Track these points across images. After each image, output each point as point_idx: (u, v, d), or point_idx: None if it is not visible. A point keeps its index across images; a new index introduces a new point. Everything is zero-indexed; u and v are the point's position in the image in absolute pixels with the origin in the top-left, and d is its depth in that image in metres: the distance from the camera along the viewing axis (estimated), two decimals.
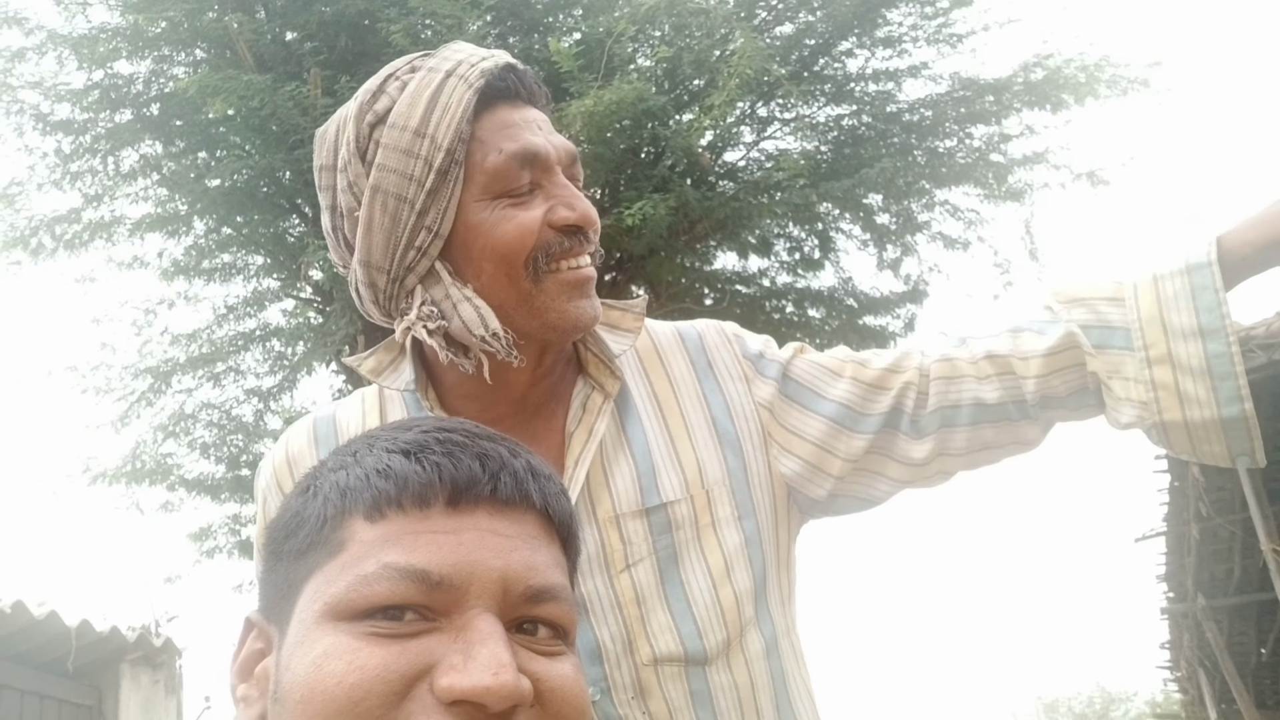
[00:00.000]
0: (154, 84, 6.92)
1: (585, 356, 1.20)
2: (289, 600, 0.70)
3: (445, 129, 1.06)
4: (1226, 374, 1.05)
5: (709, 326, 1.26)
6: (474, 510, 0.69)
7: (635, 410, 1.19)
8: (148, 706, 6.08)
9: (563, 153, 1.12)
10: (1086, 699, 29.55)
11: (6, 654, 5.23)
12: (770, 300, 8.05)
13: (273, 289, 7.85)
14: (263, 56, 6.56)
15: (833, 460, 1.18)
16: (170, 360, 7.63)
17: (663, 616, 1.11)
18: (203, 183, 6.80)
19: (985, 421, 1.15)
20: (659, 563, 1.12)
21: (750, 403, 1.21)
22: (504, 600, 0.67)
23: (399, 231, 1.07)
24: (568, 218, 1.08)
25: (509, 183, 1.07)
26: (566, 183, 1.10)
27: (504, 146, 1.07)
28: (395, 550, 0.66)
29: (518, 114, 1.10)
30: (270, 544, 0.74)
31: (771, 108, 7.61)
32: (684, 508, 1.14)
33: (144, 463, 7.43)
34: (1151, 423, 1.08)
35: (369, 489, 0.69)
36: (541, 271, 1.08)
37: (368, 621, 0.65)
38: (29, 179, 6.88)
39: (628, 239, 6.24)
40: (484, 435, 0.73)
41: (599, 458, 1.15)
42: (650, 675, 1.10)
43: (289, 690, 0.65)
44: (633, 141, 6.67)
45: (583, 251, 1.10)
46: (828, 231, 7.78)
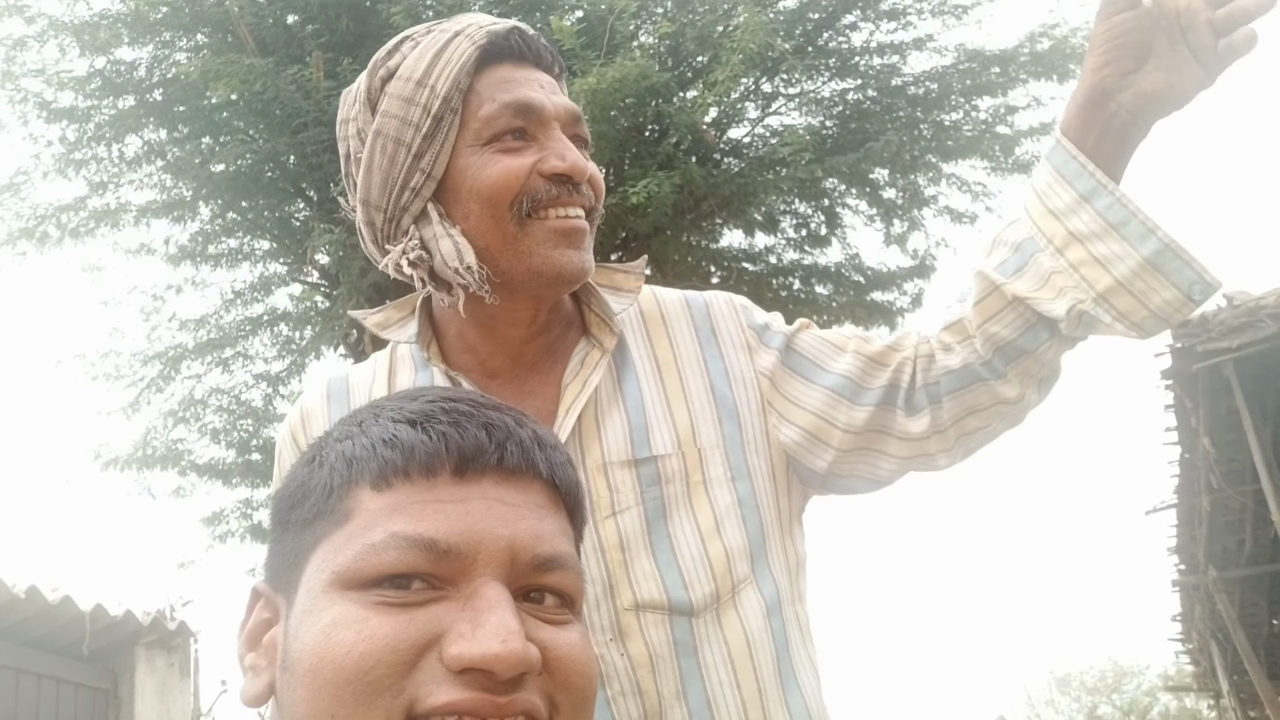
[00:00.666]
0: (156, 70, 6.91)
1: (588, 317, 1.22)
2: (296, 569, 0.70)
3: (444, 79, 1.12)
4: (1125, 219, 1.06)
5: (717, 296, 1.28)
6: (480, 479, 0.69)
7: (634, 369, 1.22)
8: (163, 689, 6.13)
9: (562, 110, 1.15)
10: (1098, 673, 29.61)
11: (22, 639, 5.27)
12: (777, 277, 8.03)
13: (279, 273, 7.85)
14: (264, 40, 6.54)
15: (832, 430, 1.20)
16: (179, 346, 7.65)
17: (647, 565, 1.12)
18: (207, 168, 6.79)
19: (960, 388, 1.16)
20: (646, 513, 1.14)
21: (751, 371, 1.23)
22: (511, 569, 0.67)
23: (395, 173, 1.13)
24: (557, 166, 1.11)
25: (501, 130, 1.12)
26: (562, 137, 1.13)
27: (499, 97, 1.12)
28: (402, 519, 0.66)
29: (520, 72, 1.15)
30: (277, 513, 0.75)
31: (776, 83, 7.57)
32: (675, 462, 1.16)
33: (155, 449, 7.46)
34: (1091, 301, 1.07)
35: (375, 458, 0.69)
36: (528, 217, 1.11)
37: (375, 590, 0.65)
38: (34, 168, 6.88)
39: (633, 218, 6.22)
40: (490, 405, 0.73)
41: (592, 408, 1.18)
42: (631, 619, 1.11)
43: (298, 659, 0.65)
44: (636, 119, 6.65)
45: (574, 203, 1.13)
46: (834, 207, 7.76)
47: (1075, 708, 29.84)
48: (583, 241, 1.13)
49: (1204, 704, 18.56)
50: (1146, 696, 28.52)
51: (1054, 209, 1.09)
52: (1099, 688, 29.41)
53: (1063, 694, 30.19)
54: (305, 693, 0.64)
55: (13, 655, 5.18)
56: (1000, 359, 1.13)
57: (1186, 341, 6.43)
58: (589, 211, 1.15)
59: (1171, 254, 1.05)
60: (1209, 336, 6.39)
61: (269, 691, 0.70)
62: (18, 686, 5.17)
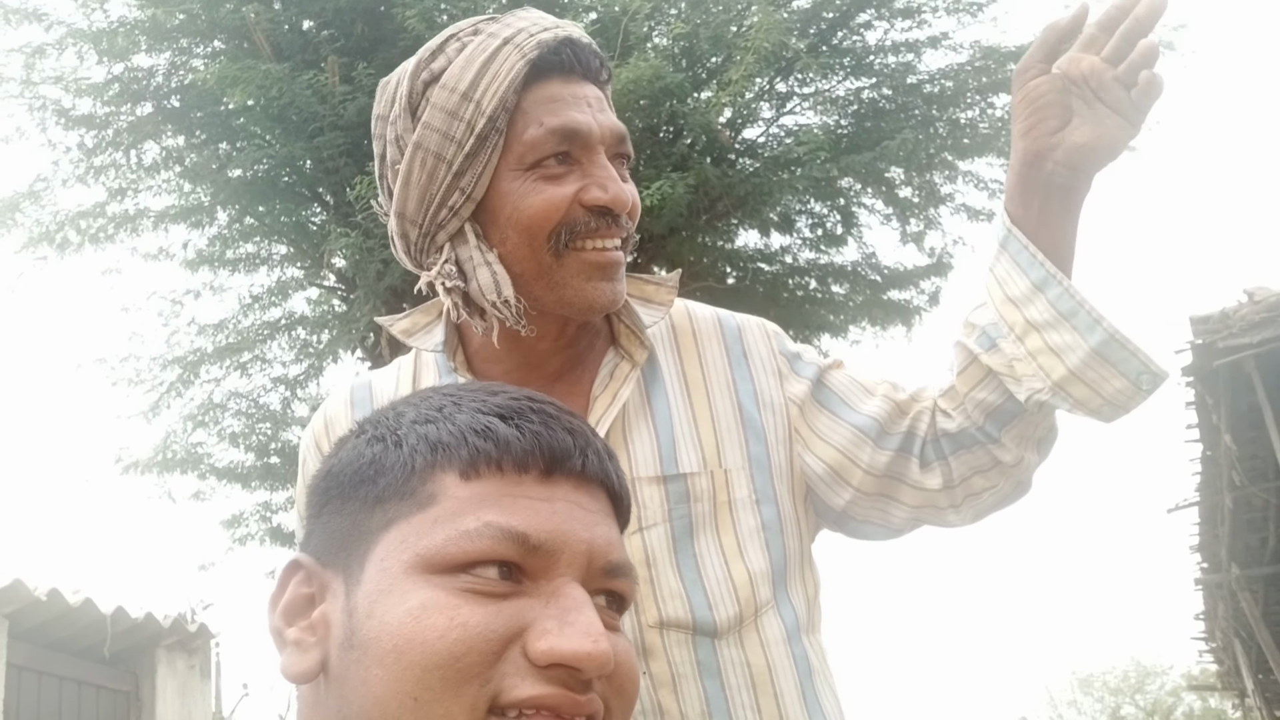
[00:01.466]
0: (173, 76, 6.96)
1: (618, 328, 1.22)
2: (361, 546, 0.70)
3: (491, 95, 1.08)
4: (1074, 309, 1.08)
5: (751, 320, 1.28)
6: (563, 482, 0.71)
7: (663, 384, 1.21)
8: (184, 690, 6.17)
9: (608, 132, 1.11)
10: (1121, 673, 29.40)
11: (43, 641, 5.32)
12: (793, 277, 8.02)
13: (296, 278, 7.89)
14: (280, 46, 6.58)
15: (854, 469, 1.19)
16: (198, 350, 7.69)
17: (673, 583, 1.12)
18: (224, 173, 6.84)
19: (961, 449, 1.18)
20: (673, 530, 1.13)
21: (781, 397, 1.22)
22: (587, 571, 0.69)
23: (434, 189, 1.11)
24: (599, 198, 1.08)
25: (544, 155, 1.08)
26: (606, 164, 1.10)
27: (545, 120, 1.08)
28: (494, 510, 0.67)
29: (568, 89, 1.11)
30: (337, 487, 0.74)
31: (790, 83, 7.56)
32: (703, 482, 1.15)
33: (174, 452, 7.51)
34: (1049, 390, 1.10)
35: (466, 446, 0.70)
36: (564, 248, 1.09)
37: (464, 576, 0.66)
38: (54, 174, 6.94)
39: (648, 219, 6.22)
40: (567, 410, 0.75)
41: (620, 422, 1.17)
42: (655, 637, 1.10)
43: (375, 638, 0.65)
44: (651, 120, 6.65)
45: (611, 234, 1.11)
46: (850, 207, 7.74)
47: (1098, 708, 29.64)
48: (617, 273, 1.12)
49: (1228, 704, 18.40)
50: (1170, 697, 28.31)
51: (1012, 297, 1.12)
52: (1122, 688, 29.20)
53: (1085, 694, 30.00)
54: (384, 673, 0.64)
55: (35, 658, 5.23)
56: (992, 424, 1.15)
57: (1207, 338, 6.38)
58: (625, 240, 1.13)
59: (1117, 344, 1.07)
60: (1229, 333, 6.34)
61: (319, 669, 0.70)
62: (40, 688, 5.21)
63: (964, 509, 1.21)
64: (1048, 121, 1.08)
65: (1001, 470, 1.18)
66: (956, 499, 1.20)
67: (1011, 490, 1.21)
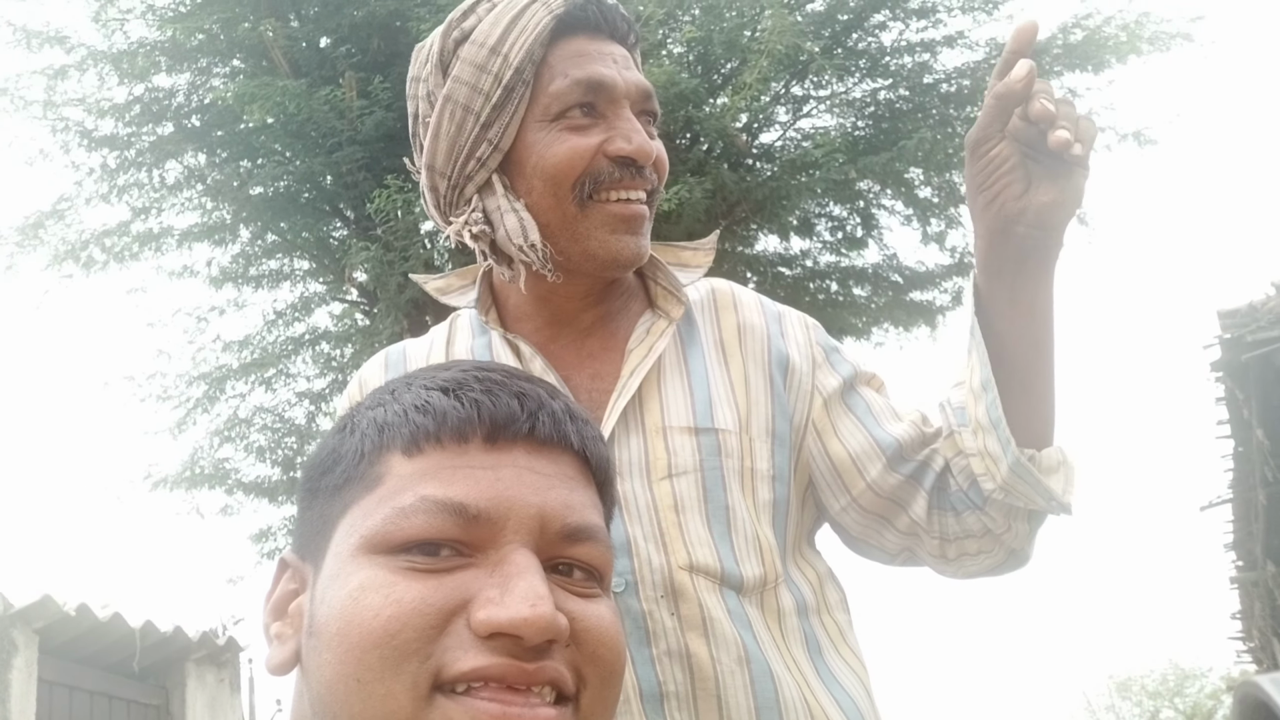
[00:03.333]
0: (194, 96, 7.04)
1: (654, 291, 1.22)
2: (324, 536, 0.70)
3: (518, 49, 1.10)
4: (998, 421, 1.07)
5: (790, 309, 1.28)
6: (511, 448, 0.69)
7: (700, 344, 1.21)
8: (214, 704, 6.20)
9: (633, 87, 1.13)
10: (1160, 676, 29.00)
11: (73, 656, 5.36)
12: (814, 281, 7.99)
13: (319, 293, 7.94)
14: (298, 63, 6.64)
15: (858, 480, 1.18)
16: (223, 367, 7.75)
17: (702, 531, 1.10)
18: (245, 191, 6.90)
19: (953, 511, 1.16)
20: (704, 480, 1.12)
21: (810, 384, 1.21)
22: (541, 537, 0.67)
23: (462, 141, 1.13)
24: (623, 149, 1.10)
25: (569, 106, 1.11)
26: (631, 117, 1.12)
27: (570, 72, 1.11)
28: (433, 483, 0.66)
29: (594, 45, 1.13)
30: (307, 481, 0.75)
31: (806, 86, 7.53)
32: (734, 440, 1.14)
33: (202, 468, 7.56)
34: (998, 489, 1.10)
35: (407, 424, 0.69)
36: (588, 198, 1.10)
37: (404, 556, 0.65)
38: (77, 194, 7.02)
39: (666, 225, 6.22)
40: (522, 376, 0.73)
41: (655, 374, 1.16)
42: (685, 579, 1.08)
43: (325, 623, 0.65)
44: (667, 127, 6.65)
45: (636, 186, 1.12)
46: (869, 209, 7.71)
47: (1137, 713, 29.27)
48: (641, 226, 1.13)
49: None
50: (1210, 700, 27.90)
51: (972, 388, 1.11)
52: (1160, 691, 28.81)
53: (1123, 699, 29.62)
54: (331, 656, 0.64)
55: (65, 672, 5.27)
56: (975, 491, 1.13)
57: (1235, 332, 6.31)
58: (651, 194, 1.14)
59: (1023, 468, 1.07)
60: (1258, 326, 6.27)
61: (294, 659, 0.70)
62: (71, 703, 5.25)
63: (954, 565, 1.20)
64: (1013, 188, 1.03)
65: (993, 538, 1.16)
66: (949, 554, 1.18)
67: (1005, 559, 1.18)
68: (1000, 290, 1.08)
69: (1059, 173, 1.02)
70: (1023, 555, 1.18)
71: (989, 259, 1.08)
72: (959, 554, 1.17)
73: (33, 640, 5.00)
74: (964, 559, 1.18)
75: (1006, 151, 1.04)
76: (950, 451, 1.15)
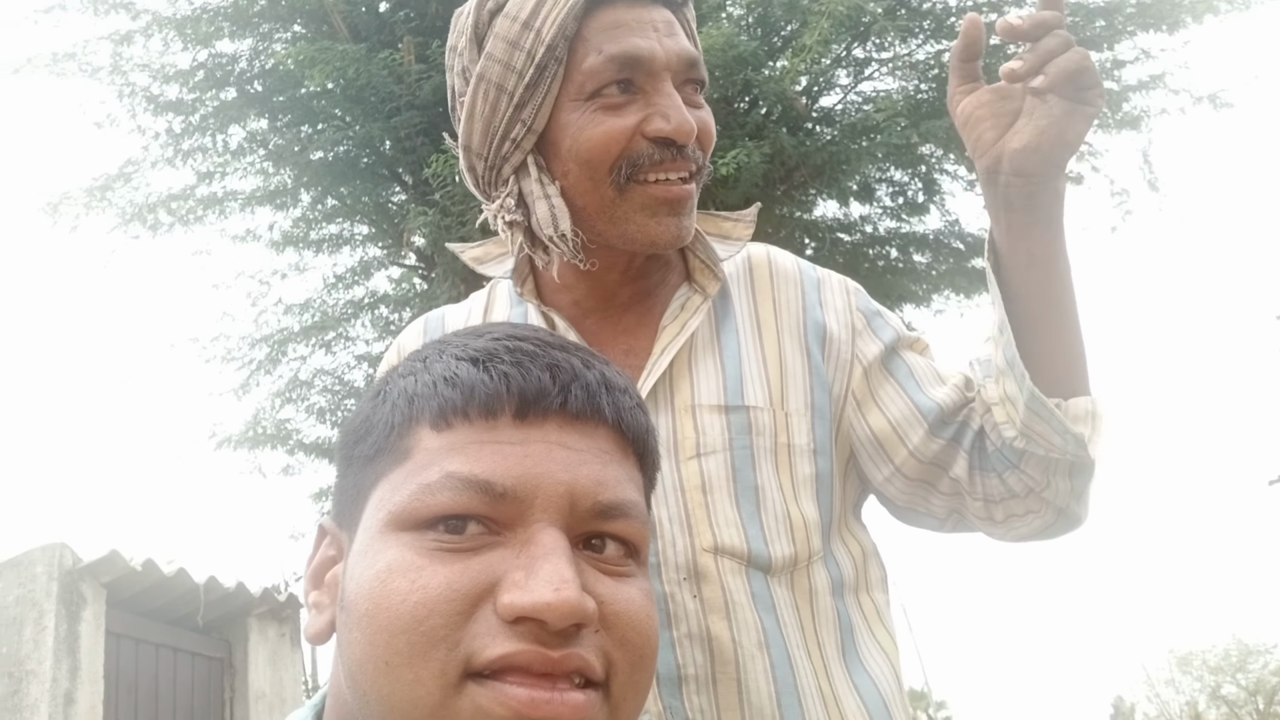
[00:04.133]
0: (255, 61, 7.10)
1: (692, 263, 1.18)
2: (358, 506, 0.70)
3: (551, 23, 1.04)
4: (1013, 360, 1.04)
5: (832, 274, 1.24)
6: (543, 423, 0.67)
7: (734, 320, 1.17)
8: (275, 658, 6.36)
9: (674, 57, 1.07)
10: (1222, 652, 28.50)
11: (139, 610, 5.52)
12: (873, 247, 7.88)
13: (378, 257, 8.02)
14: (357, 27, 6.66)
15: (900, 448, 1.15)
16: (285, 329, 7.87)
17: (729, 511, 1.07)
18: (306, 156, 6.96)
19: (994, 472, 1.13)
20: (733, 460, 1.09)
21: (850, 353, 1.18)
22: (570, 515, 0.65)
23: (497, 121, 1.08)
24: (661, 129, 1.05)
25: (605, 83, 1.05)
26: (672, 92, 1.06)
27: (605, 48, 1.05)
28: (459, 459, 0.64)
29: (633, 13, 1.07)
30: (343, 448, 0.74)
31: (868, 48, 7.39)
32: (765, 417, 1.11)
33: (264, 428, 7.71)
34: (1018, 435, 1.07)
35: (436, 396, 0.67)
36: (627, 181, 1.06)
37: (430, 534, 0.63)
38: (143, 158, 7.14)
39: (723, 190, 6.16)
40: (557, 345, 0.70)
41: (687, 352, 1.14)
42: (709, 562, 1.06)
43: (354, 601, 0.65)
44: (725, 91, 6.56)
45: (676, 166, 1.06)
46: (931, 174, 7.56)
47: (1197, 688, 28.82)
48: (684, 207, 1.08)
49: None
50: (1274, 676, 27.37)
51: (992, 335, 1.09)
52: (1222, 667, 28.32)
53: (1184, 673, 29.18)
54: (360, 635, 0.63)
55: (132, 625, 5.44)
56: (1010, 449, 1.10)
57: None
58: (695, 172, 1.09)
59: (1038, 402, 1.02)
60: None
61: (330, 629, 0.70)
62: (137, 655, 5.42)
63: (1003, 527, 1.16)
64: (985, 135, 1.01)
65: (1037, 497, 1.11)
66: (996, 515, 1.14)
67: (1055, 519, 1.13)
68: (1003, 239, 1.05)
69: (1048, 113, 0.98)
70: (1073, 515, 1.13)
71: (988, 209, 1.06)
72: (1006, 515, 1.14)
73: (100, 594, 5.16)
74: (1012, 520, 1.14)
75: (974, 101, 1.03)
76: (982, 409, 1.12)
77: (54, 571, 4.94)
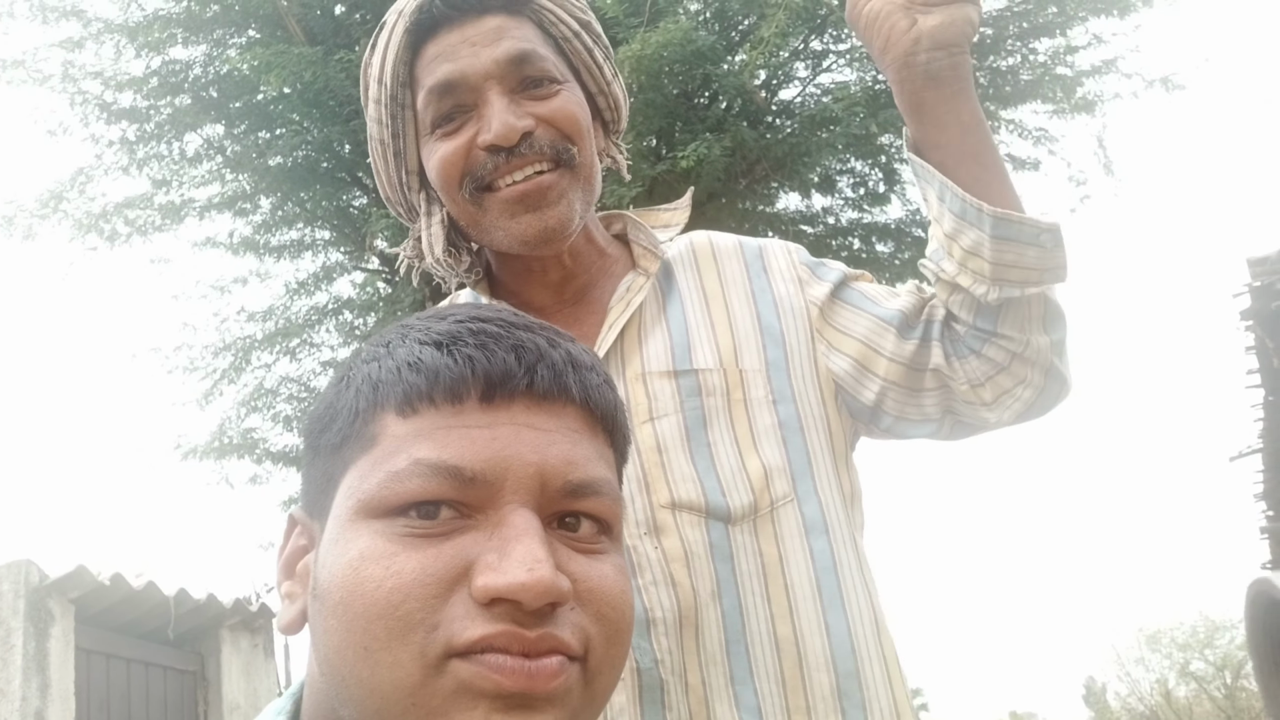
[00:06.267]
0: (210, 67, 7.03)
1: (636, 252, 1.25)
2: (327, 495, 0.69)
3: (388, 75, 1.14)
4: (963, 208, 1.10)
5: (774, 241, 1.31)
6: (509, 404, 0.66)
7: (679, 294, 1.23)
8: (249, 669, 6.30)
9: (493, 65, 1.11)
10: (1189, 628, 28.96)
11: (109, 625, 5.45)
12: (836, 238, 7.93)
13: (341, 262, 7.97)
14: (312, 30, 6.61)
15: (878, 359, 1.19)
16: (248, 337, 7.81)
17: (685, 467, 1.13)
18: (264, 161, 6.91)
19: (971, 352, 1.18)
20: (685, 421, 1.14)
21: (801, 301, 1.23)
22: (541, 495, 0.65)
23: (389, 172, 1.19)
24: (484, 140, 1.10)
25: (436, 116, 1.13)
26: (493, 99, 1.12)
27: (426, 83, 1.13)
28: (426, 446, 0.64)
29: (452, 37, 1.13)
30: (308, 438, 0.73)
31: (825, 40, 7.43)
32: (715, 378, 1.17)
33: (230, 438, 7.64)
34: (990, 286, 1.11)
35: (400, 382, 0.67)
36: (478, 193, 1.13)
37: (401, 520, 0.63)
38: (97, 166, 7.05)
39: (684, 184, 6.17)
40: (521, 325, 0.70)
41: (635, 325, 1.19)
42: (667, 516, 1.11)
43: (328, 589, 0.64)
44: (685, 85, 6.58)
45: (519, 165, 1.12)
46: (891, 164, 7.63)
47: (1166, 664, 29.27)
48: (542, 199, 1.12)
49: None
50: (1240, 650, 27.83)
51: (933, 216, 1.15)
52: (1190, 643, 28.77)
53: (1153, 651, 29.62)
54: (336, 623, 0.63)
55: (101, 641, 5.37)
56: (983, 320, 1.15)
57: (1265, 279, 6.22)
58: (555, 158, 1.13)
59: (1004, 221, 1.08)
60: None
61: (303, 619, 0.69)
62: (108, 671, 5.35)
63: (998, 409, 1.19)
64: (898, 25, 1.09)
65: (1022, 361, 1.16)
66: (986, 397, 1.18)
67: (1044, 381, 1.18)
68: (929, 129, 1.12)
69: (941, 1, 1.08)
70: (1059, 375, 1.18)
71: (905, 109, 1.13)
72: (996, 394, 1.18)
73: (69, 610, 5.09)
74: (1004, 398, 1.18)
75: (875, 3, 1.10)
76: (944, 294, 1.17)
77: (20, 589, 4.87)
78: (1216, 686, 27.50)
